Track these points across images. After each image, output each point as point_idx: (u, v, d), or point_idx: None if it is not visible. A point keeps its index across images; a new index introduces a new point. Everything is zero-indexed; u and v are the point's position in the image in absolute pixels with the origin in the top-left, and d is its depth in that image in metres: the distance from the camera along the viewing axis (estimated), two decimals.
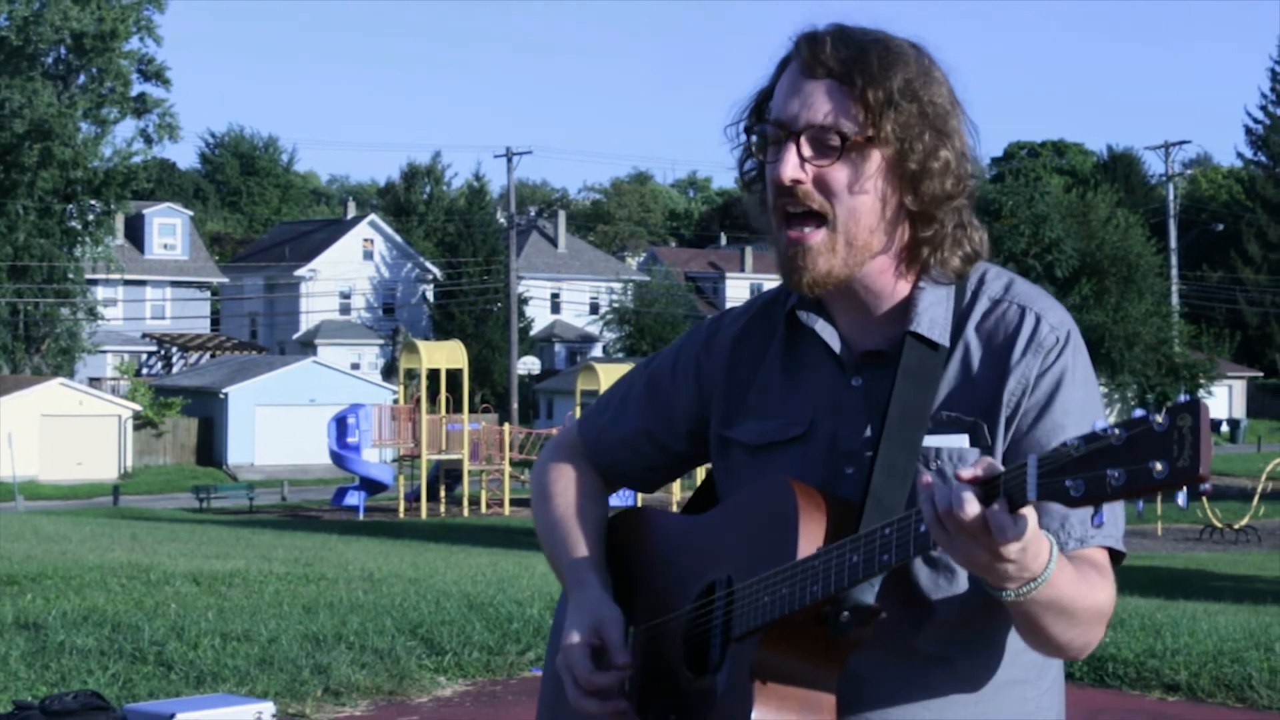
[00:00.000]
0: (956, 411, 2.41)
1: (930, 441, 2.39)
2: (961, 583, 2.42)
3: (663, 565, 2.60)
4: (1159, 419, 1.93)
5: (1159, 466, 1.92)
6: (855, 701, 2.41)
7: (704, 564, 2.51)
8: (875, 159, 2.39)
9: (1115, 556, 2.40)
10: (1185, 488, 1.93)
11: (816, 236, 2.40)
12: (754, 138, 2.49)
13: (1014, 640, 2.44)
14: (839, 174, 2.39)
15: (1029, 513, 2.07)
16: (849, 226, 2.40)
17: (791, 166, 2.39)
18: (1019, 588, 2.17)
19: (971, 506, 2.06)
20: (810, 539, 2.32)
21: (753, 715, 2.31)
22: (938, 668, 2.43)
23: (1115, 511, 2.38)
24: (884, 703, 2.42)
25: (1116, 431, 1.96)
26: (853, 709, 2.41)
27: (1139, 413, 1.95)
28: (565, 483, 2.77)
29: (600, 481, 2.78)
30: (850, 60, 2.38)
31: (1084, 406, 2.40)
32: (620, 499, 24.90)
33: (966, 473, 2.08)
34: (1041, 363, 2.40)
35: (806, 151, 2.39)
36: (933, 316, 2.44)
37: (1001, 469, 2.08)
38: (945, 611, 2.42)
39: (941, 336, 2.43)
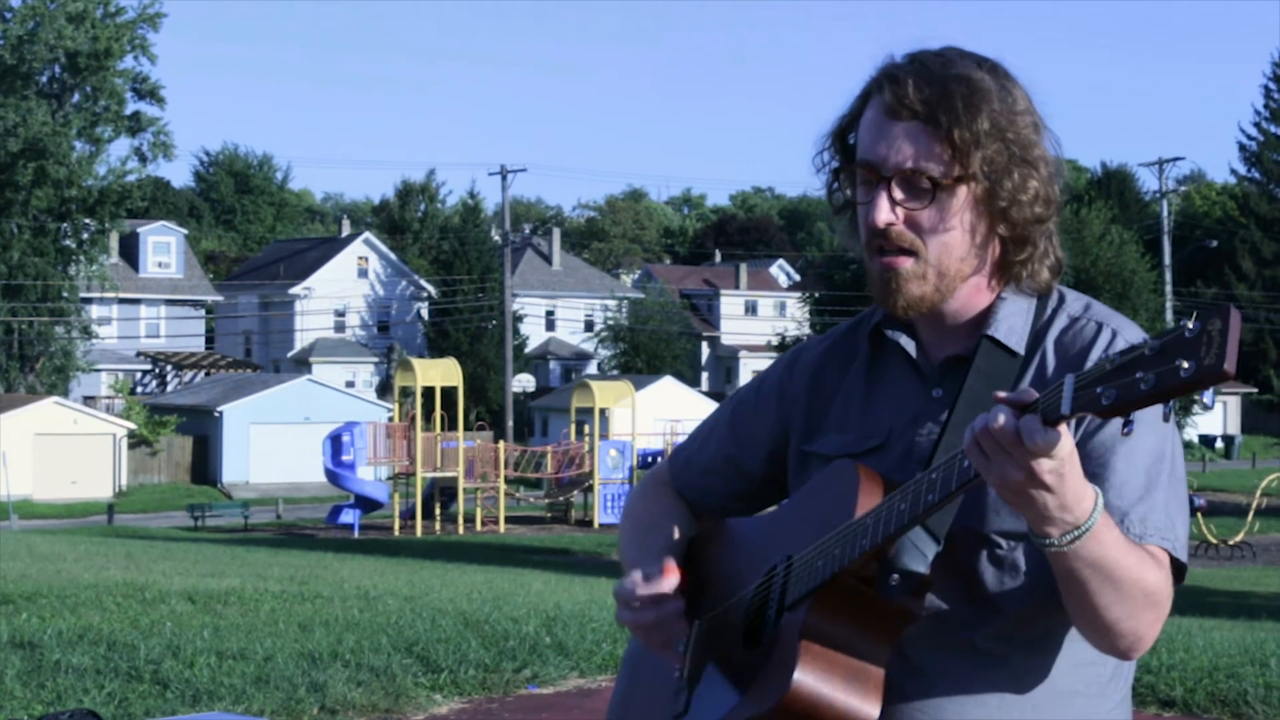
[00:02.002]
0: None
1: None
2: (1024, 580, 2.43)
3: (733, 561, 2.66)
4: (1190, 325, 1.97)
5: (1186, 365, 1.95)
6: (913, 692, 2.43)
7: (770, 551, 2.56)
8: (964, 195, 2.43)
9: (1178, 572, 2.40)
10: (1211, 386, 1.96)
11: (907, 263, 2.45)
12: (842, 175, 2.54)
13: (1077, 651, 2.46)
14: (930, 214, 2.44)
15: (1064, 432, 2.09)
16: (941, 259, 2.45)
17: (884, 212, 2.44)
18: (1062, 534, 2.18)
19: (1005, 417, 2.08)
20: (868, 507, 2.35)
21: (794, 674, 2.31)
22: (997, 666, 2.44)
23: (1174, 515, 2.40)
24: (941, 695, 2.44)
25: (1151, 342, 2.00)
26: (910, 699, 2.43)
27: (1173, 325, 1.99)
28: (645, 505, 2.86)
29: (682, 506, 2.84)
30: (934, 101, 2.41)
31: (1155, 414, 2.41)
32: None
33: (1002, 394, 2.12)
34: None
35: (897, 194, 2.44)
36: (1011, 325, 2.49)
37: (1036, 394, 2.10)
38: (1008, 608, 2.43)
39: (1018, 345, 2.48)
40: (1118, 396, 2.00)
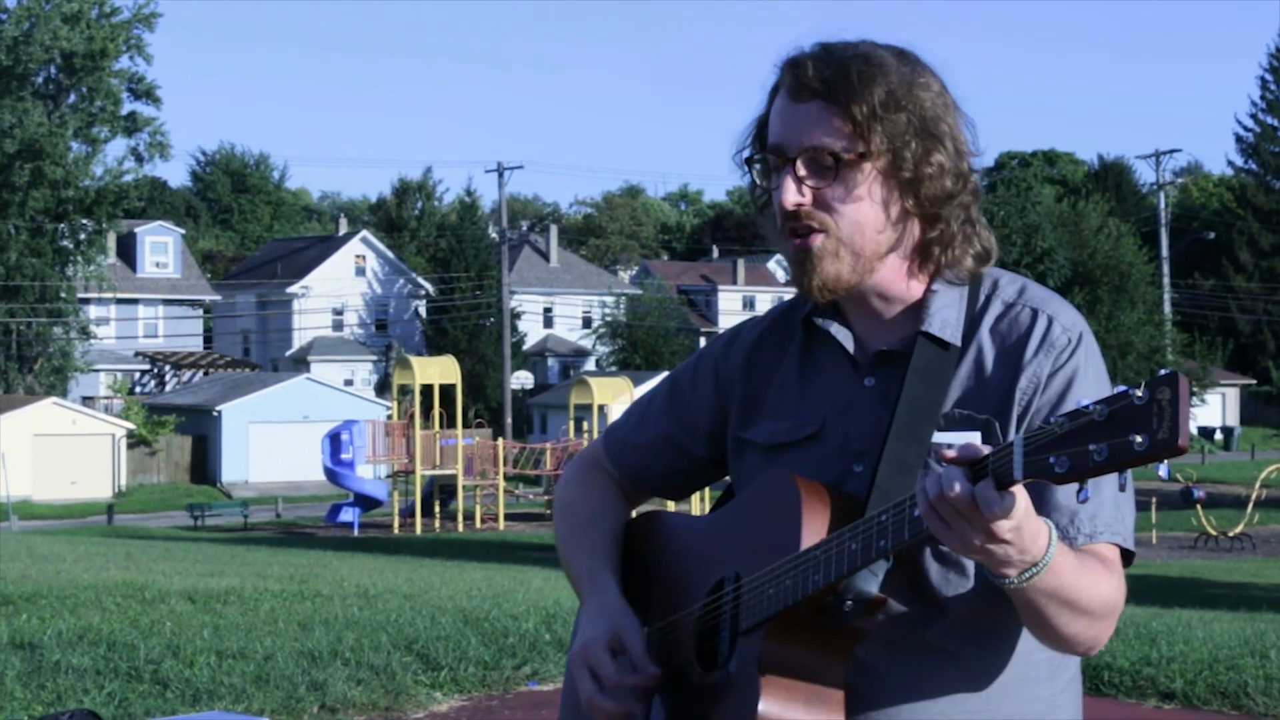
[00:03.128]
0: (969, 410, 2.44)
1: (940, 438, 2.42)
2: (971, 578, 2.43)
3: (675, 566, 2.65)
4: (1138, 393, 1.96)
5: (1139, 439, 1.95)
6: (866, 695, 2.43)
7: (714, 562, 2.55)
8: (869, 170, 2.44)
9: (1125, 557, 2.43)
10: (1165, 460, 1.97)
11: (818, 240, 2.46)
12: (757, 167, 2.56)
13: (1026, 639, 2.47)
14: (837, 192, 2.45)
15: (1019, 491, 2.10)
16: (853, 237, 2.46)
17: (791, 193, 2.45)
18: (1020, 574, 2.19)
19: (960, 485, 2.09)
20: (814, 531, 2.35)
21: (759, 707, 2.32)
22: (948, 662, 2.45)
23: (1122, 509, 2.42)
24: (895, 697, 2.44)
25: (1099, 407, 1.99)
26: (864, 702, 2.43)
27: (1120, 388, 1.99)
28: (583, 492, 2.83)
29: (618, 490, 2.84)
30: (831, 78, 2.44)
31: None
32: None
33: (949, 453, 2.12)
34: (1054, 362, 2.43)
35: (802, 173, 2.45)
36: (945, 318, 2.49)
37: (985, 450, 2.10)
38: (956, 607, 2.44)
39: (953, 337, 2.47)
40: (1071, 467, 2.01)
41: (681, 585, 2.61)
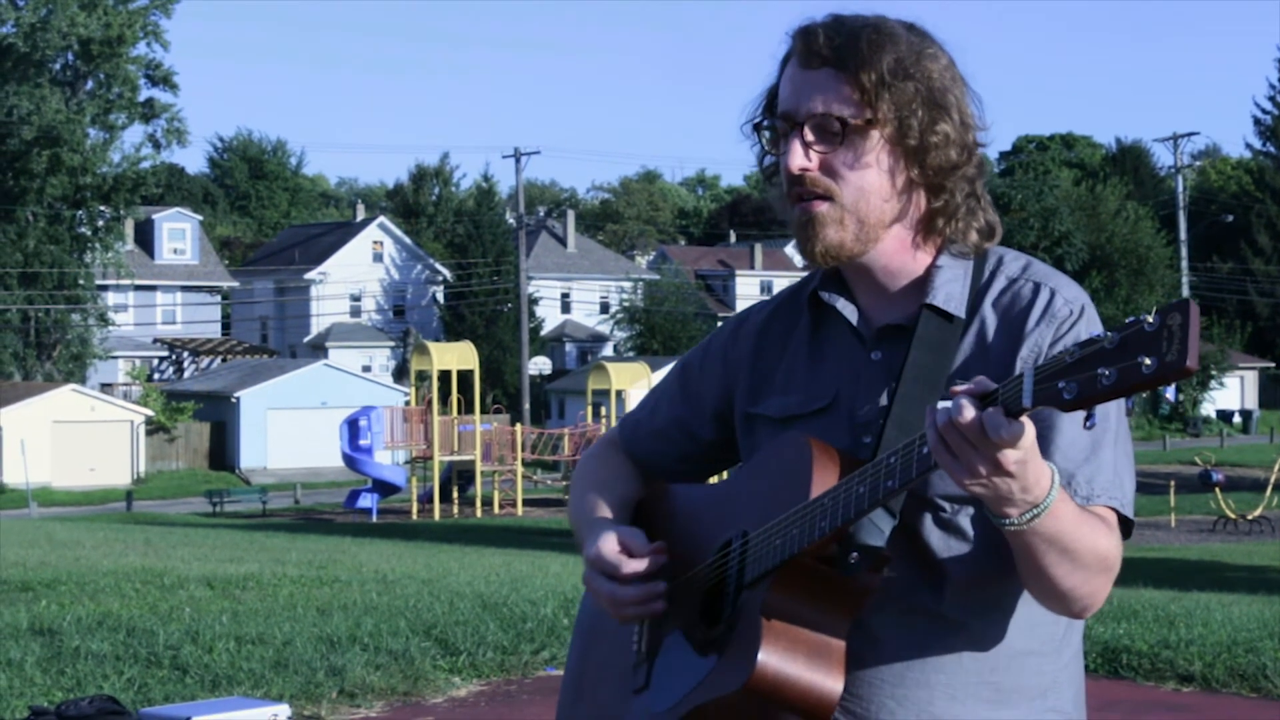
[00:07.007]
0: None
1: (945, 404, 2.41)
2: (971, 544, 2.44)
3: (684, 533, 2.66)
4: (1150, 319, 1.97)
5: (1148, 361, 1.96)
6: (870, 659, 2.44)
7: (722, 524, 2.57)
8: (876, 137, 2.47)
9: (1125, 528, 2.43)
10: (1174, 382, 1.97)
11: (823, 207, 2.48)
12: (766, 134, 2.58)
13: (1030, 612, 2.48)
14: (843, 158, 2.47)
15: (1027, 422, 2.10)
16: (858, 204, 2.48)
17: (798, 157, 2.47)
18: (1021, 514, 2.20)
19: (969, 412, 2.09)
20: (824, 485, 2.36)
21: (759, 655, 2.32)
22: (952, 631, 2.46)
23: (1121, 474, 2.43)
24: (897, 661, 2.46)
25: (1110, 335, 2.00)
26: (866, 666, 2.44)
27: (1131, 318, 1.99)
28: (595, 468, 2.86)
29: (632, 467, 2.85)
30: (842, 46, 2.47)
31: None
32: None
33: (961, 386, 2.13)
34: (1055, 332, 2.44)
35: (809, 138, 2.48)
36: (949, 291, 2.51)
37: (994, 385, 2.12)
38: (958, 574, 2.44)
39: (958, 309, 2.49)
40: (1079, 391, 2.01)
41: (690, 550, 2.61)
